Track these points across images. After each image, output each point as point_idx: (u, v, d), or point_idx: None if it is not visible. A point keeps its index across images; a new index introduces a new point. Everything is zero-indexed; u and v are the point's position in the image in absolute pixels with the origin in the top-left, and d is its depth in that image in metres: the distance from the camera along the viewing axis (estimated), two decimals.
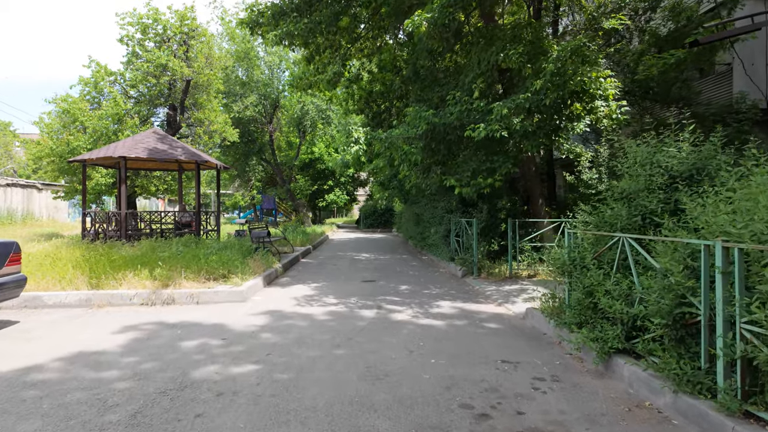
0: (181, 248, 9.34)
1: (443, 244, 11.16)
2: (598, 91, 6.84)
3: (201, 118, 16.68)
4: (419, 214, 13.91)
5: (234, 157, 25.55)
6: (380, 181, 14.72)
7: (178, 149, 12.71)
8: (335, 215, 51.15)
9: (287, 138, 27.39)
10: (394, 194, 14.33)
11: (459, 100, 7.55)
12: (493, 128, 6.71)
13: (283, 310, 6.10)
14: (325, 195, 29.96)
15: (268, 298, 6.97)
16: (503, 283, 8.02)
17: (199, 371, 3.83)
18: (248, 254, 9.35)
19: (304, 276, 9.34)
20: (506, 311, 6.05)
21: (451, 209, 10.91)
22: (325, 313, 5.91)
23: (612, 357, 3.71)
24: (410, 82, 9.89)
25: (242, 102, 21.65)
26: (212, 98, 17.56)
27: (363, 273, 9.75)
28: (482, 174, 7.82)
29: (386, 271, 10.14)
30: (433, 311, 6.02)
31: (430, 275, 9.49)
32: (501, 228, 9.49)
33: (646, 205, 4.16)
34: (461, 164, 8.13)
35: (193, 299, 6.55)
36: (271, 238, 10.96)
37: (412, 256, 13.56)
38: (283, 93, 23.76)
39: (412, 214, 15.36)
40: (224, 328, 5.24)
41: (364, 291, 7.55)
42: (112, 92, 15.39)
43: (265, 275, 8.26)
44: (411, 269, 10.46)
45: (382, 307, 6.24)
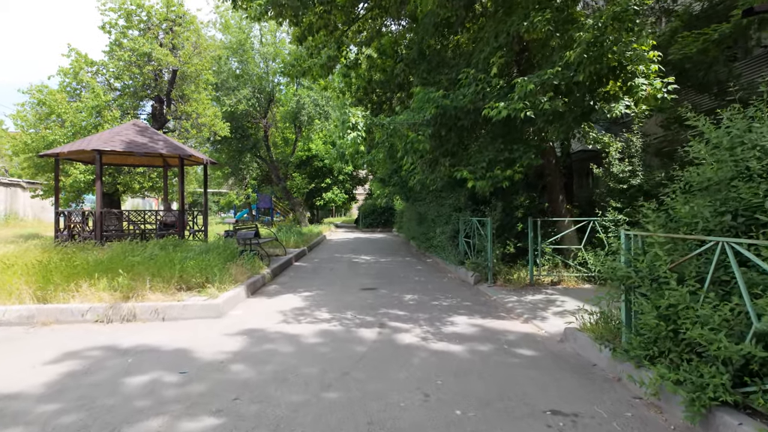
0: (157, 251, 8.27)
1: (451, 246, 10.08)
2: (640, 66, 5.76)
3: (188, 111, 15.57)
4: (423, 213, 12.83)
5: (228, 154, 24.44)
6: (380, 177, 13.63)
7: (160, 142, 11.62)
8: (333, 214, 50.08)
9: (283, 134, 26.28)
10: (395, 192, 13.26)
11: (473, 80, 6.47)
12: (516, 107, 5.63)
13: (264, 329, 5.02)
14: (322, 193, 28.86)
15: (249, 313, 5.89)
16: (524, 292, 6.95)
17: (135, 429, 2.75)
18: (232, 258, 8.27)
19: (295, 283, 8.26)
20: (537, 330, 4.98)
21: (459, 207, 9.84)
22: (315, 334, 4.83)
23: (713, 412, 2.63)
24: (414, 65, 8.80)
25: (235, 95, 20.53)
26: (201, 90, 16.45)
27: (362, 279, 8.67)
28: (500, 165, 6.74)
29: (388, 276, 9.06)
30: (448, 330, 4.94)
31: (438, 282, 8.41)
32: (517, 228, 8.42)
33: (742, 198, 3.08)
34: (475, 154, 7.06)
35: (158, 315, 5.47)
36: (260, 240, 9.88)
37: (416, 258, 12.48)
38: (278, 87, 22.67)
39: (415, 213, 14.29)
40: (187, 355, 4.16)
41: (363, 302, 6.48)
42: (90, 83, 14.27)
43: (249, 283, 7.18)
44: (415, 274, 9.38)
45: (385, 325, 5.16)
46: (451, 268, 9.67)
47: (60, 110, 13.91)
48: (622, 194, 7.55)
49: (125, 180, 14.75)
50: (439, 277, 8.93)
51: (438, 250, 10.98)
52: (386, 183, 13.54)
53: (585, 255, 7.46)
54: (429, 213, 11.91)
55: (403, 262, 11.63)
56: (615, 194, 7.63)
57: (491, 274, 7.64)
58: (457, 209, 9.91)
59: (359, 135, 6.77)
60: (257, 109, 22.38)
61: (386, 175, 13.36)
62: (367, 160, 10.19)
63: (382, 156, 9.39)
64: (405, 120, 6.74)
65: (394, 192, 13.30)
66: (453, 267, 9.51)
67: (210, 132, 16.32)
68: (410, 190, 13.27)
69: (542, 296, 6.60)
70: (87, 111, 14.20)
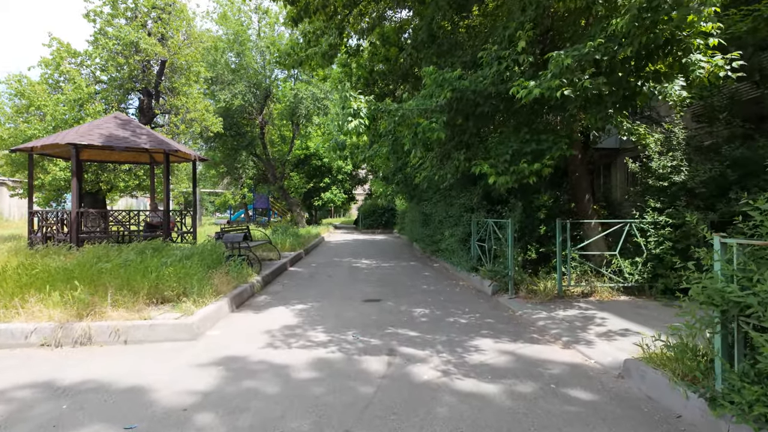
0: (133, 256, 7.32)
1: (461, 251, 9.13)
2: (697, 39, 4.82)
3: (178, 104, 14.59)
4: (429, 214, 11.88)
5: (223, 152, 23.48)
6: (383, 175, 12.68)
7: (143, 136, 10.66)
8: (332, 215, 49.14)
9: (280, 131, 25.32)
10: (398, 190, 12.32)
11: (495, 57, 5.52)
12: (551, 85, 4.69)
13: (246, 357, 4.06)
14: (321, 193, 27.88)
15: (230, 332, 4.93)
16: (553, 305, 6.00)
17: None
18: (217, 265, 7.32)
19: (288, 293, 7.30)
20: (583, 359, 4.03)
21: (471, 207, 8.89)
22: (309, 364, 3.87)
23: None
24: (423, 48, 7.85)
25: (230, 90, 19.56)
26: (192, 82, 15.48)
27: (364, 288, 7.71)
28: (526, 158, 5.78)
29: (393, 284, 8.11)
30: (474, 359, 3.99)
31: (450, 292, 7.46)
32: (539, 231, 7.48)
33: None
34: (496, 146, 6.10)
35: (118, 337, 4.51)
36: (250, 244, 8.92)
37: (421, 263, 11.53)
38: (275, 82, 21.69)
39: (419, 214, 13.34)
40: (143, 398, 3.20)
41: (366, 318, 5.52)
42: (69, 72, 13.30)
43: (235, 295, 6.22)
44: (423, 282, 8.43)
45: (395, 351, 4.21)
46: (462, 275, 8.72)
47: (39, 102, 12.94)
48: (661, 193, 6.61)
49: (109, 178, 13.77)
50: (450, 286, 7.97)
51: (446, 254, 10.03)
52: (389, 181, 12.58)
53: (620, 262, 6.52)
54: (436, 214, 10.96)
55: (408, 267, 10.67)
56: (653, 193, 6.69)
57: (512, 284, 6.69)
58: (468, 209, 8.97)
59: (362, 123, 5.77)
60: (253, 105, 21.43)
61: (389, 172, 12.41)
62: (368, 155, 9.21)
63: (385, 150, 8.45)
64: (415, 106, 5.79)
65: (398, 191, 12.34)
66: (465, 274, 8.56)
67: (201, 127, 15.35)
68: (415, 188, 12.31)
69: (576, 311, 5.65)
70: (68, 104, 13.24)
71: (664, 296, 6.19)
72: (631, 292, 6.48)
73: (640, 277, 6.41)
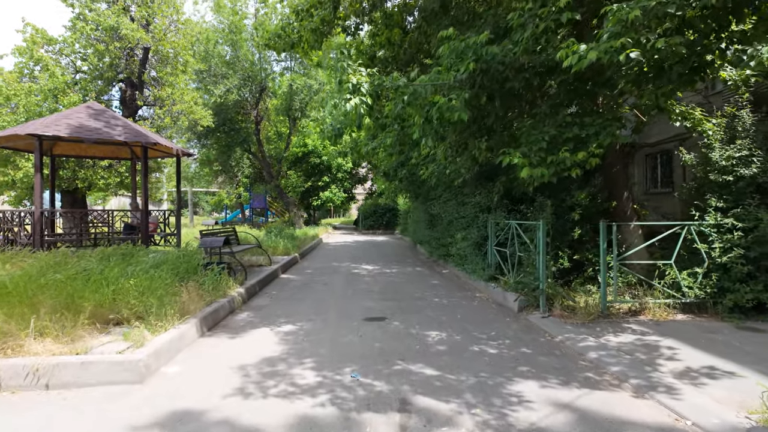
0: (94, 264, 6.22)
1: (476, 256, 8.00)
2: None
3: (163, 96, 13.45)
4: (436, 215, 10.75)
5: (217, 149, 22.33)
6: (384, 171, 11.55)
7: (118, 128, 9.53)
8: (331, 215, 48.05)
9: (276, 128, 24.17)
10: (402, 187, 11.18)
11: (530, 17, 4.40)
12: (611, 47, 3.57)
13: (202, 415, 2.92)
14: (319, 192, 26.72)
15: (191, 370, 3.79)
16: (599, 327, 4.87)
17: None
18: (192, 274, 6.20)
19: (276, 308, 6.17)
20: (674, 419, 2.88)
21: (488, 207, 7.76)
22: (288, 429, 2.74)
23: None
24: (434, 20, 6.72)
25: (225, 84, 18.42)
26: (179, 72, 14.34)
27: (365, 301, 6.58)
28: (566, 146, 4.66)
29: (398, 296, 6.98)
30: (521, 421, 2.85)
31: (467, 306, 6.32)
32: (572, 234, 6.35)
33: None
34: (527, 132, 4.97)
35: (38, 379, 3.38)
36: (235, 248, 7.80)
37: (428, 268, 10.39)
38: (271, 75, 20.54)
39: (425, 214, 12.21)
40: None
41: (369, 346, 4.38)
42: (43, 59, 12.17)
43: (207, 314, 5.09)
44: (433, 292, 7.29)
45: (409, 405, 3.07)
46: (478, 286, 7.58)
47: (9, 92, 11.82)
48: (723, 189, 5.48)
49: (87, 175, 12.63)
50: (465, 299, 6.84)
51: (457, 259, 8.89)
52: (390, 178, 11.46)
53: (676, 273, 5.38)
54: (445, 214, 9.82)
55: (414, 273, 9.53)
56: (713, 189, 5.55)
57: (544, 299, 5.55)
58: (485, 209, 7.83)
59: (363, 102, 4.64)
60: (248, 99, 20.30)
61: (392, 168, 11.28)
62: (370, 149, 8.08)
63: (389, 141, 7.33)
64: (429, 82, 4.67)
65: (402, 188, 11.19)
66: (481, 284, 7.43)
67: (189, 121, 14.20)
68: (421, 185, 11.17)
69: (631, 336, 4.51)
70: (43, 94, 12.12)
71: (732, 315, 5.06)
72: (689, 309, 5.34)
73: (701, 291, 5.27)
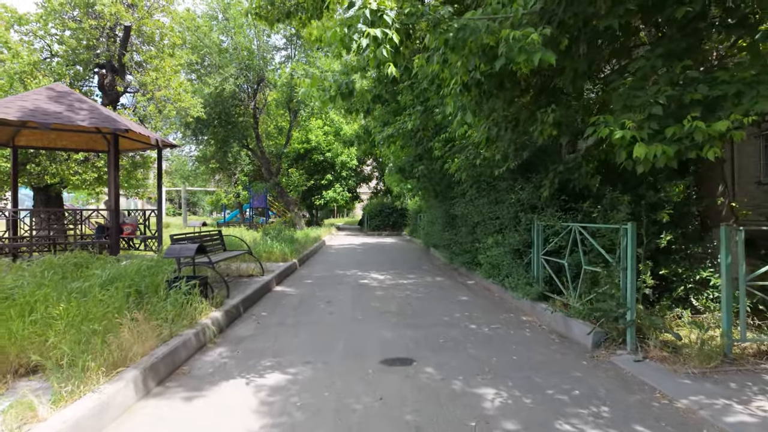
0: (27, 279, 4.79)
1: (515, 267, 6.42)
2: None
3: (147, 81, 11.94)
4: (460, 215, 9.16)
5: (215, 145, 20.82)
6: (399, 167, 9.95)
7: (82, 112, 8.03)
8: (335, 215, 46.61)
9: (276, 122, 22.65)
10: (420, 186, 9.55)
11: None
12: None
13: None
14: (322, 191, 25.17)
15: None
16: (733, 381, 3.28)
17: None
18: (152, 294, 4.67)
19: (260, 341, 4.60)
20: None
21: (533, 205, 6.18)
22: None
23: None
24: None
25: (220, 74, 16.90)
26: (166, 56, 12.82)
27: (381, 329, 5.01)
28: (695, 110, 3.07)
29: (423, 320, 5.41)
30: None
31: (519, 338, 4.73)
32: (659, 242, 4.75)
33: None
34: (626, 95, 3.38)
35: None
36: (216, 257, 6.27)
37: (448, 277, 8.83)
38: (269, 65, 19.01)
39: (443, 215, 10.63)
40: None
41: (396, 420, 2.82)
42: (3, 37, 10.70)
43: (157, 360, 3.52)
44: (466, 314, 5.72)
45: None
46: (522, 305, 5.99)
47: None
48: None
49: (59, 170, 11.13)
50: (511, 324, 5.25)
51: (488, 269, 7.29)
52: (407, 174, 9.84)
53: None
54: (470, 214, 8.23)
55: (434, 285, 7.96)
56: None
57: (633, 333, 3.97)
58: (529, 208, 6.24)
59: (386, 37, 3.09)
60: (245, 90, 18.80)
61: (407, 163, 9.70)
62: (385, 135, 6.53)
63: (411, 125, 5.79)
64: (484, 15, 3.10)
65: (421, 186, 9.55)
66: (525, 303, 5.84)
67: (177, 109, 12.68)
68: (440, 181, 9.57)
69: None
70: (7, 78, 10.65)
71: None
72: None
73: None
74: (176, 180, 33.87)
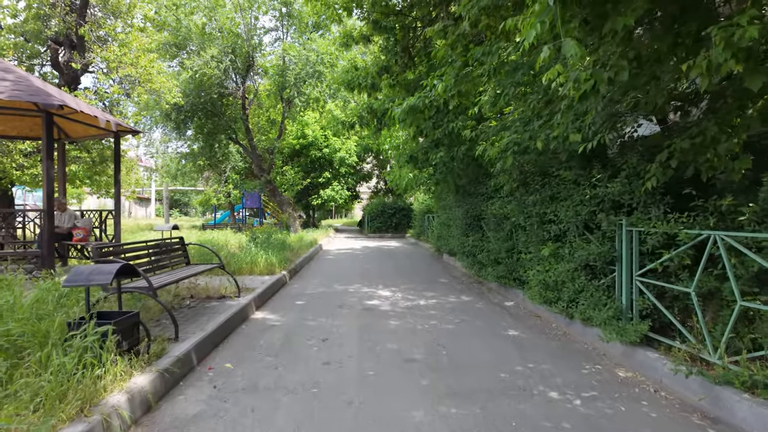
0: None
1: (590, 290, 4.55)
2: None
3: (110, 58, 10.03)
4: (488, 216, 7.30)
5: (202, 139, 18.87)
6: (412, 154, 8.07)
7: (4, 83, 6.18)
8: (333, 216, 44.77)
9: (268, 114, 20.73)
10: (439, 178, 7.67)
11: None
12: None
13: None
14: (320, 190, 23.26)
15: None
16: None
17: None
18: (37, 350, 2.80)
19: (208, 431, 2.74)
20: None
21: (619, 203, 4.31)
22: None
23: None
24: None
25: (201, 56, 14.99)
26: (135, 30, 10.91)
27: (407, 403, 3.14)
28: None
29: (471, 380, 3.53)
30: None
31: (638, 420, 2.87)
32: None
33: None
34: None
35: None
36: (161, 280, 4.38)
37: (477, 295, 6.97)
38: (259, 48, 17.08)
39: (464, 215, 8.75)
40: None
41: None
42: None
43: None
44: (528, 365, 3.84)
45: None
46: (609, 350, 4.12)
47: None
48: None
49: None
50: (613, 391, 3.38)
51: (541, 290, 5.41)
52: (420, 164, 7.93)
53: None
54: (513, 214, 6.35)
55: (464, 308, 6.09)
56: None
57: None
58: (612, 207, 4.38)
59: None
60: (232, 77, 16.89)
61: (420, 150, 7.82)
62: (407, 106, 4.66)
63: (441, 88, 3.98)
64: None
65: (438, 179, 7.65)
66: (616, 347, 3.98)
67: (149, 93, 10.78)
68: (462, 173, 7.69)
69: None
70: None
71: None
72: None
73: None
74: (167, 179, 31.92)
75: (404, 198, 25.05)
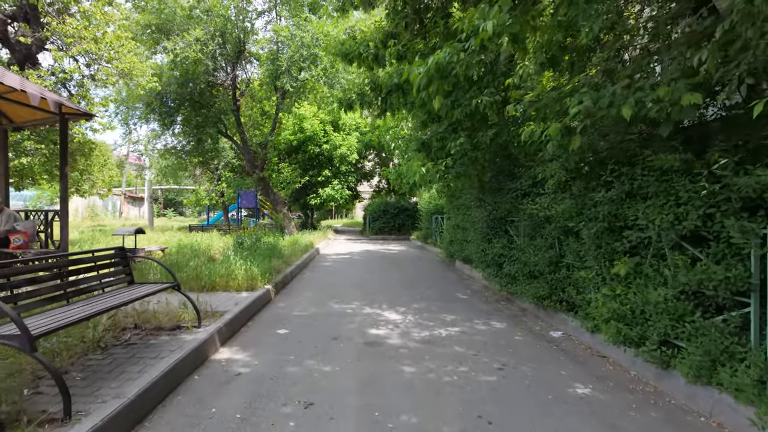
0: None
1: (701, 331, 3.04)
2: None
3: (67, 31, 8.53)
4: (519, 219, 5.79)
5: (189, 134, 17.39)
6: (424, 141, 6.52)
7: None
8: (333, 216, 43.27)
9: (261, 107, 19.22)
10: (459, 170, 6.10)
11: None
12: None
13: None
14: (318, 189, 21.72)
15: None
16: None
17: None
18: None
19: None
20: None
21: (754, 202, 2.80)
22: None
23: None
24: None
25: (185, 37, 13.49)
26: (101, 3, 9.40)
27: None
28: None
29: None
30: None
31: None
32: None
33: None
34: None
35: None
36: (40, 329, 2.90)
37: (511, 320, 5.47)
38: (251, 33, 15.57)
39: (486, 216, 7.24)
40: None
41: None
42: None
43: None
44: None
45: None
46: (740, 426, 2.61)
47: None
48: None
49: None
50: None
51: (615, 326, 3.90)
52: (434, 153, 6.42)
53: None
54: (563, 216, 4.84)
55: (500, 342, 4.58)
56: None
57: None
58: (740, 208, 2.87)
59: None
60: (221, 64, 15.40)
61: (435, 136, 6.32)
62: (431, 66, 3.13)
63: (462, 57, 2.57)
64: None
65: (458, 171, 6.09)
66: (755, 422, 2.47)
67: (116, 72, 9.27)
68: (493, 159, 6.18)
69: None
70: None
71: None
72: None
73: None
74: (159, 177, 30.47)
75: (407, 197, 23.56)
